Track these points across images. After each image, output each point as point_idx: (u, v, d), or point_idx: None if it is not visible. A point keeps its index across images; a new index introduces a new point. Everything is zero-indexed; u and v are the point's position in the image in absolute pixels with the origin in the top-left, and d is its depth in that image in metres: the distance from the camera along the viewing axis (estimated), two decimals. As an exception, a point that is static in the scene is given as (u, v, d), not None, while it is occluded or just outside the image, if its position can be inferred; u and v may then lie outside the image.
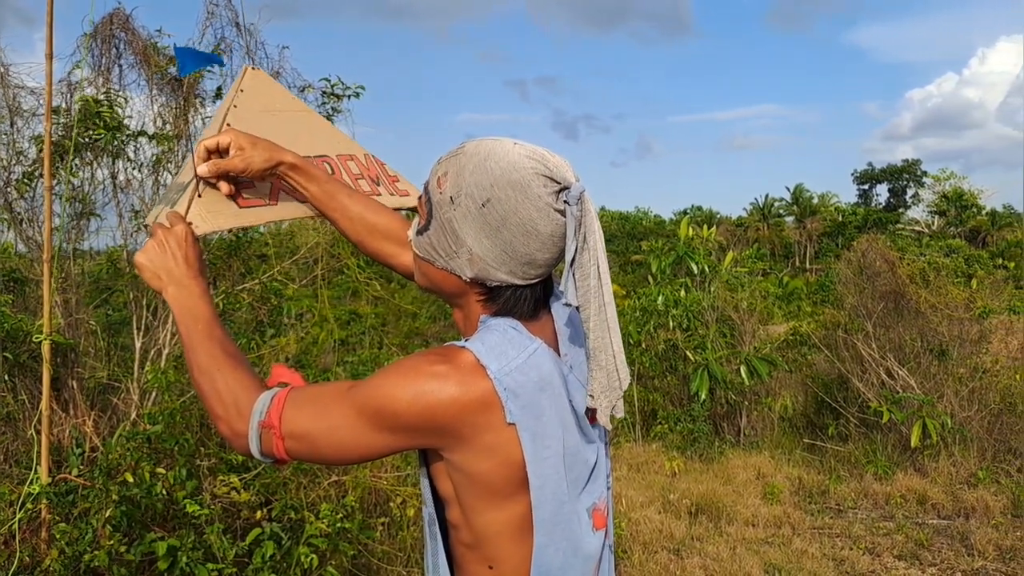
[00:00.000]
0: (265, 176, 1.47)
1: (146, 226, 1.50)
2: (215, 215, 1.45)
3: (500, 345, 1.13)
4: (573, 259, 1.12)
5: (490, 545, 1.17)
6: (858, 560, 5.24)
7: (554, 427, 1.14)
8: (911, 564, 5.26)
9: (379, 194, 1.67)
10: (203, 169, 1.42)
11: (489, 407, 1.09)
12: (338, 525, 3.55)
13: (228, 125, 1.53)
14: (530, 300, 1.20)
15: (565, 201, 1.12)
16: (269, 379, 1.31)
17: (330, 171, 1.62)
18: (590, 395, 1.18)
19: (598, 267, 1.14)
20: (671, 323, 9.49)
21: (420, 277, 1.27)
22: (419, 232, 1.22)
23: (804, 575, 4.98)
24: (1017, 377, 8.45)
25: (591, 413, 1.23)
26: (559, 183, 1.12)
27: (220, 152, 1.43)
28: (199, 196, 1.44)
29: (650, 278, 10.33)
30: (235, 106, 1.58)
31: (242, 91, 1.61)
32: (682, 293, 9.69)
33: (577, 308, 1.17)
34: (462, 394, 1.09)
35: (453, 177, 1.14)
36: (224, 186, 1.47)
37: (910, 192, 73.00)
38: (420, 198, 1.23)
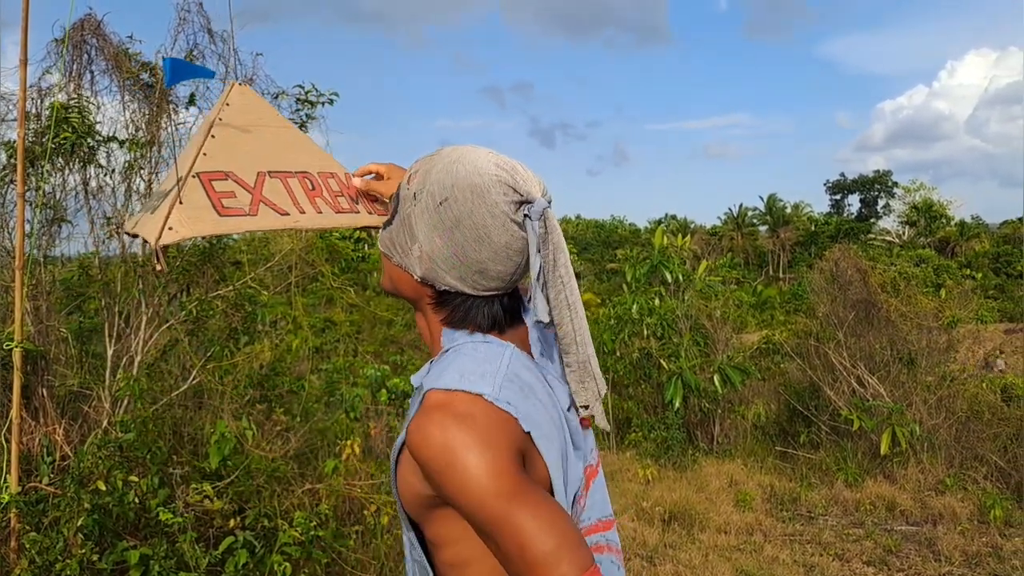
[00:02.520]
0: None
1: (126, 233, 1.51)
2: (194, 221, 1.46)
3: (478, 367, 1.10)
4: (539, 275, 1.11)
5: (483, 563, 1.10)
6: (828, 566, 5.30)
7: (548, 427, 1.11)
8: (879, 570, 5.33)
9: (357, 212, 1.69)
10: (359, 182, 1.68)
11: (513, 423, 1.06)
12: (312, 533, 3.55)
13: (212, 137, 1.55)
14: (486, 314, 1.17)
15: (526, 215, 1.11)
16: None
17: (311, 187, 1.65)
18: (584, 406, 1.19)
19: (568, 284, 1.14)
20: (645, 331, 9.55)
21: (384, 276, 1.25)
22: (384, 226, 1.22)
23: (775, 581, 5.03)
24: (984, 386, 8.60)
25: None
26: (522, 196, 1.11)
27: (376, 176, 1.67)
28: (180, 203, 1.45)
29: (624, 286, 10.40)
30: (220, 119, 1.60)
31: (228, 105, 1.64)
32: (656, 302, 9.75)
33: (547, 324, 1.16)
34: (492, 433, 1.04)
35: (421, 175, 1.15)
36: (365, 203, 1.70)
37: (881, 202, 73.93)
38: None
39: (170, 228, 1.42)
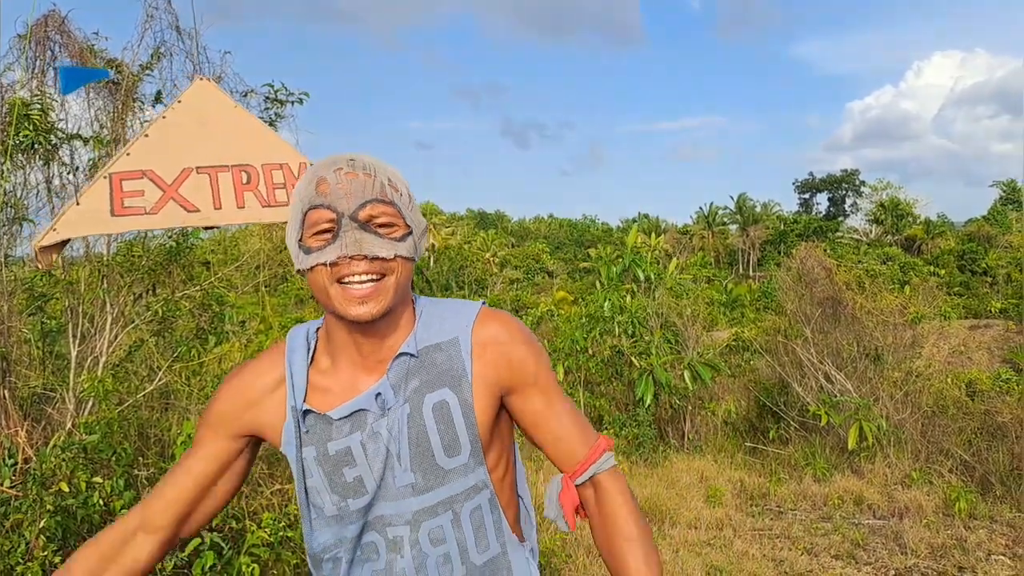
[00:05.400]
0: None
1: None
2: (83, 222, 1.48)
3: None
4: None
5: (513, 471, 1.41)
6: (796, 560, 5.36)
7: None
8: (847, 563, 5.40)
9: None
10: None
11: None
12: (280, 534, 3.52)
13: (146, 136, 1.58)
14: None
15: None
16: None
17: (245, 180, 1.66)
18: None
19: None
20: (617, 329, 9.59)
21: (391, 294, 1.23)
22: (402, 239, 1.24)
23: (745, 576, 5.07)
24: (948, 381, 8.74)
25: None
26: None
27: None
28: (77, 204, 1.47)
29: (598, 284, 10.43)
30: (164, 117, 1.62)
31: (180, 102, 1.65)
32: (628, 300, 9.80)
33: None
34: None
35: (395, 179, 1.26)
36: None
37: (849, 201, 74.81)
38: (384, 214, 1.22)
39: (54, 230, 1.45)
